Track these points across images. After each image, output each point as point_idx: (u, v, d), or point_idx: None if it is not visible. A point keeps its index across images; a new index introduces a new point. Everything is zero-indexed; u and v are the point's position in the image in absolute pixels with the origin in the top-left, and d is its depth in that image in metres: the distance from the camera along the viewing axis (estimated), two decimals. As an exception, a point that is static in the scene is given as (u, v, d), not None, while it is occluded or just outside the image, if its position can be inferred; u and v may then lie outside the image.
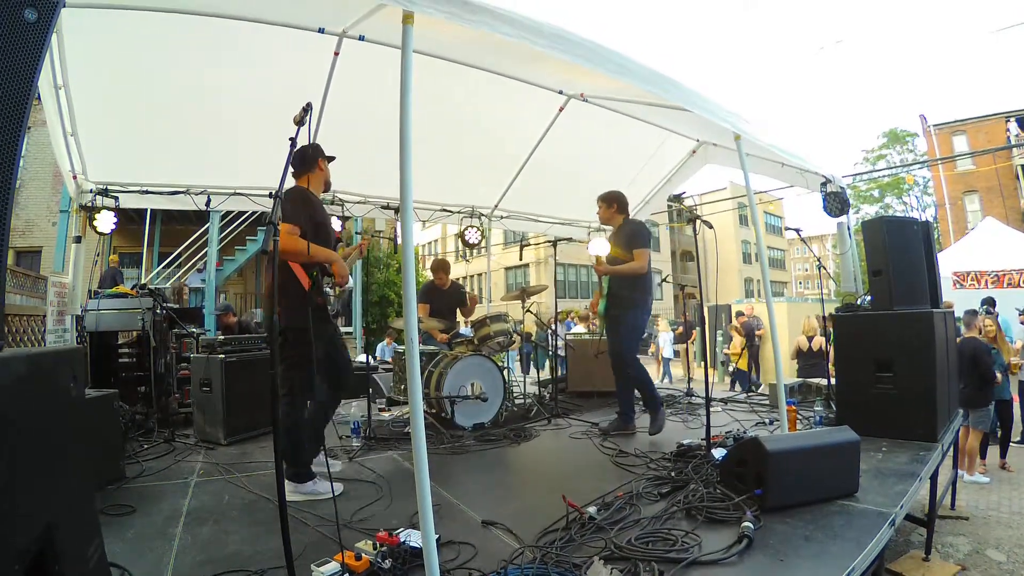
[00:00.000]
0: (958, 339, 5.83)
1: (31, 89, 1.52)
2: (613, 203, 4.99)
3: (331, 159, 3.57)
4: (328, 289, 3.29)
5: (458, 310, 6.48)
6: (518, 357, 12.14)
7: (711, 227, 3.97)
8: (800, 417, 4.86)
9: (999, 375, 6.05)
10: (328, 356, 3.41)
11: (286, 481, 2.97)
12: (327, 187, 3.65)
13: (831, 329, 5.11)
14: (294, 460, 3.22)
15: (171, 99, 4.44)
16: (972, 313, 6.39)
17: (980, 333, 6.21)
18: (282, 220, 3.07)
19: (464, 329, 6.33)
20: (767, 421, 5.10)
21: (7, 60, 1.48)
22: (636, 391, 4.95)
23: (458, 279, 7.04)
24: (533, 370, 11.15)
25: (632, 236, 4.79)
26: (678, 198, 8.50)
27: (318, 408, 3.46)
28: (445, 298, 6.32)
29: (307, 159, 3.38)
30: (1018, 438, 7.16)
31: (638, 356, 4.98)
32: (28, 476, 1.30)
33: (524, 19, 2.70)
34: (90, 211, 4.99)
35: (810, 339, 9.15)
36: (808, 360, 8.99)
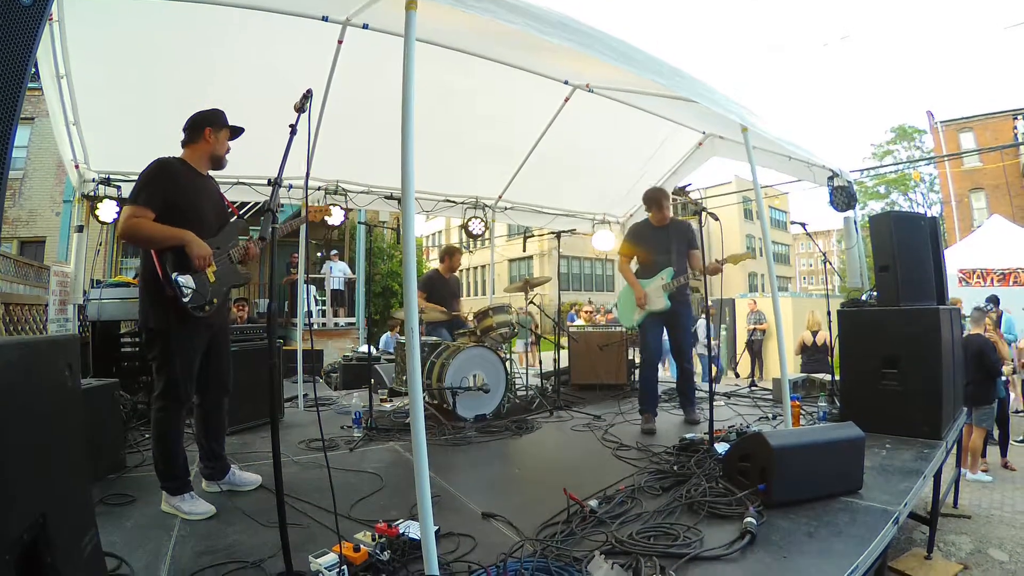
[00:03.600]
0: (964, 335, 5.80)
1: (25, 73, 1.49)
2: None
3: (236, 130, 3.12)
4: (181, 278, 2.77)
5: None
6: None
7: (717, 219, 3.93)
8: (804, 412, 4.84)
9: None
10: (179, 363, 2.88)
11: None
12: (215, 164, 3.11)
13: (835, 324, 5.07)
14: (162, 472, 2.86)
15: (173, 87, 4.41)
16: (980, 310, 6.35)
17: (986, 331, 6.16)
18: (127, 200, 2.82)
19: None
20: (770, 416, 5.08)
21: (2, 44, 1.46)
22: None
23: (462, 270, 7.02)
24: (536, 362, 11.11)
25: (697, 235, 4.73)
26: (683, 190, 8.44)
27: (197, 415, 3.13)
28: (447, 287, 6.29)
29: (193, 126, 3.03)
30: (1020, 437, 7.13)
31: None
32: (20, 466, 1.28)
33: (528, 6, 2.66)
34: (92, 200, 4.99)
35: (814, 334, 9.12)
36: (812, 355, 8.97)
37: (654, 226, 4.91)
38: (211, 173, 3.17)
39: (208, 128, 3.03)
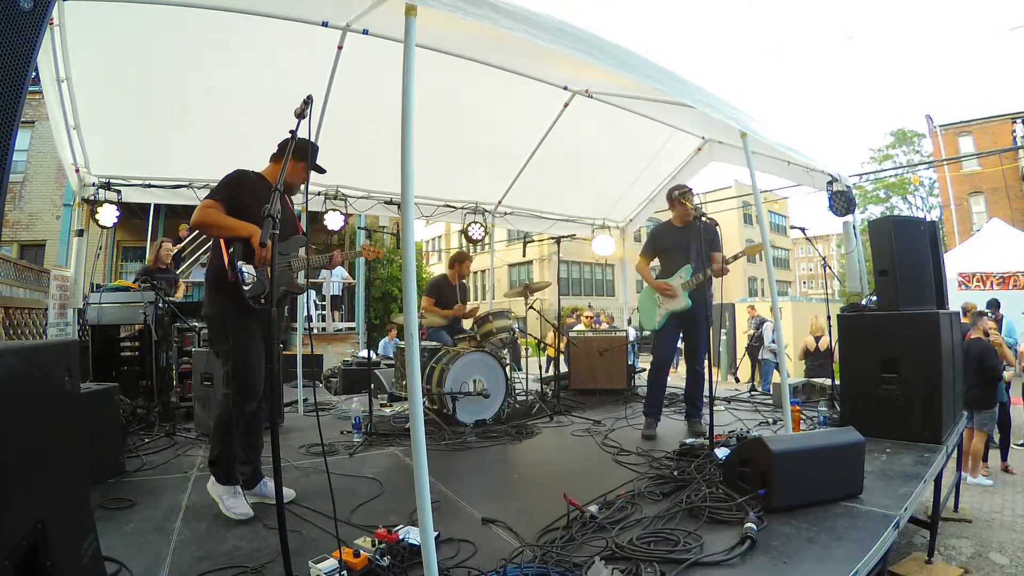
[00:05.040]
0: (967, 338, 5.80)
1: (26, 78, 1.50)
2: None
3: (317, 169, 3.14)
4: (245, 267, 2.86)
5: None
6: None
7: (716, 224, 3.93)
8: (804, 417, 4.84)
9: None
10: (245, 349, 2.96)
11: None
12: (287, 188, 3.15)
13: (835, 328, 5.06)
14: (216, 457, 2.95)
15: (174, 92, 4.43)
16: (979, 314, 6.35)
17: (986, 335, 6.16)
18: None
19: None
20: (771, 421, 5.07)
21: (2, 48, 1.46)
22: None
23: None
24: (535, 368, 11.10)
25: (718, 237, 4.69)
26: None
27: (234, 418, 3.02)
28: (454, 293, 6.30)
29: (281, 148, 3.11)
30: (1020, 441, 7.12)
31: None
32: (20, 471, 1.28)
33: (527, 12, 2.67)
34: (93, 204, 4.99)
35: (817, 339, 9.11)
36: (816, 360, 8.96)
37: (675, 226, 4.86)
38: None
39: (293, 158, 3.07)
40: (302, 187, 3.08)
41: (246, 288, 2.86)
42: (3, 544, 1.17)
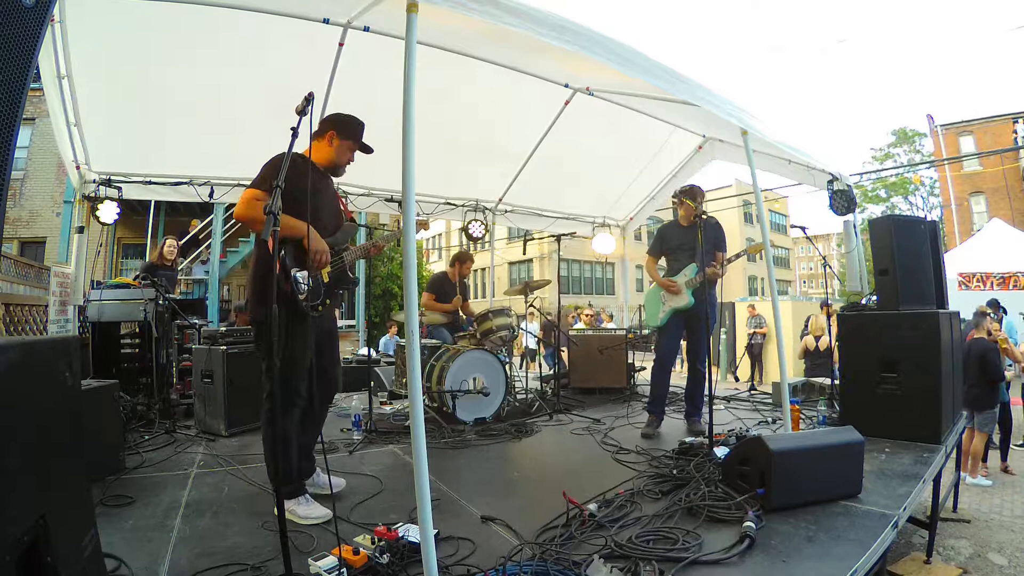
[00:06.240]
0: (969, 339, 5.80)
1: (28, 75, 1.49)
2: None
3: (365, 148, 3.11)
4: (299, 274, 2.74)
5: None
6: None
7: (716, 222, 3.93)
8: (803, 416, 4.84)
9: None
10: (293, 358, 2.80)
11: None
12: (333, 170, 3.10)
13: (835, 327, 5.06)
14: (274, 475, 2.70)
15: (174, 89, 4.43)
16: (981, 314, 6.34)
17: (989, 335, 6.15)
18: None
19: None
20: (770, 420, 5.07)
21: (4, 45, 1.46)
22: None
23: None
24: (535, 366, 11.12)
25: (723, 236, 4.73)
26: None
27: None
28: (454, 291, 6.32)
29: (322, 123, 3.03)
30: (1020, 441, 7.13)
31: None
32: (20, 467, 1.28)
33: (529, 9, 2.67)
34: (93, 201, 4.99)
35: (817, 339, 9.11)
36: (816, 360, 8.96)
37: (680, 225, 4.90)
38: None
39: (332, 131, 3.01)
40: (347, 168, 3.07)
41: (301, 297, 2.73)
42: (5, 539, 1.17)
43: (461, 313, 6.39)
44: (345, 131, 3.03)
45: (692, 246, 4.67)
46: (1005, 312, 8.20)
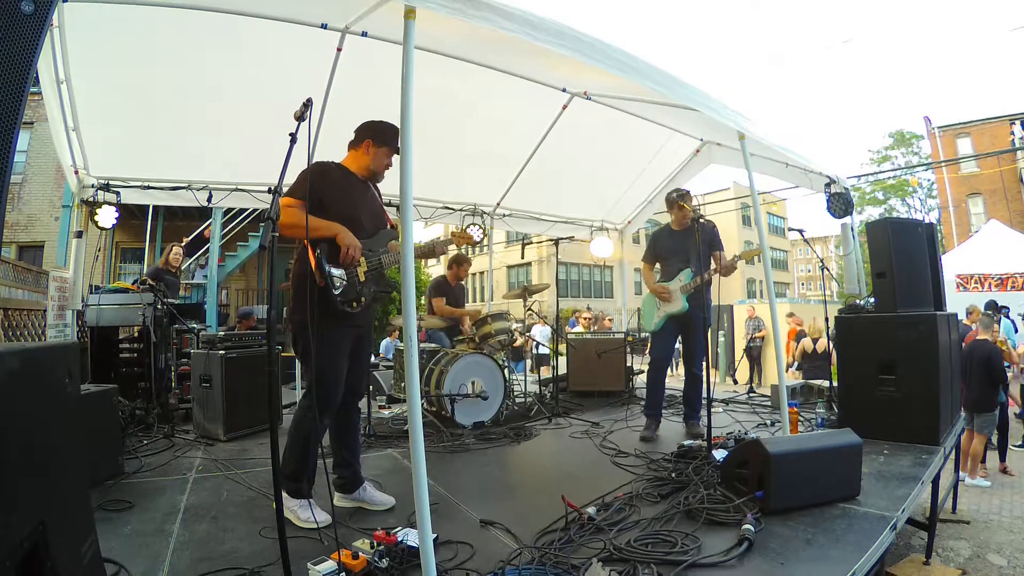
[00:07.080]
0: (968, 339, 5.80)
1: (27, 80, 1.50)
2: None
3: (393, 150, 3.11)
4: (334, 270, 2.79)
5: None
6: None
7: (713, 225, 3.94)
8: (802, 419, 4.84)
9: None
10: (327, 360, 2.83)
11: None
12: (372, 176, 3.16)
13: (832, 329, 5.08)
14: (288, 472, 2.79)
15: (173, 94, 4.43)
16: (989, 316, 6.34)
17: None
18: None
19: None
20: (768, 423, 5.08)
21: (4, 50, 1.47)
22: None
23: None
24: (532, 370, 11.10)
25: (718, 237, 4.72)
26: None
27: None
28: (453, 294, 6.36)
29: (358, 133, 3.11)
30: (1019, 442, 7.14)
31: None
32: (20, 472, 1.28)
33: (527, 15, 2.68)
34: (92, 206, 4.98)
35: (815, 341, 9.13)
36: (813, 362, 8.98)
37: (673, 230, 4.92)
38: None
39: (368, 140, 3.09)
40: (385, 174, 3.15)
41: (335, 292, 2.78)
42: (5, 545, 1.17)
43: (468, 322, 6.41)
44: (381, 138, 3.10)
45: (686, 251, 4.70)
46: (1007, 312, 8.21)
